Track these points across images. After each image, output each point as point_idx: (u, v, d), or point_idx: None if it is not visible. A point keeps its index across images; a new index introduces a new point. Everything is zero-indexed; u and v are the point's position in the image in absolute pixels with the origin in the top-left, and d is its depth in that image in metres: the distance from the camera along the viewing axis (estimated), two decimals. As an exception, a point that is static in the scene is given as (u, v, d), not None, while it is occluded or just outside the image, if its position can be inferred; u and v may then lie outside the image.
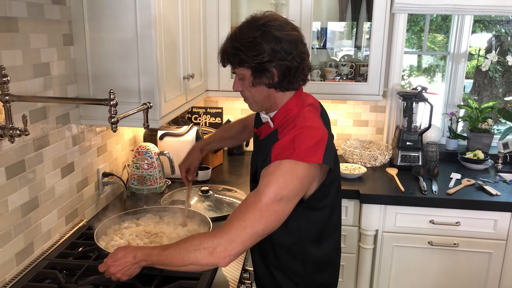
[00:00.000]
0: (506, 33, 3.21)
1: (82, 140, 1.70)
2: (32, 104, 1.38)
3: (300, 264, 1.38)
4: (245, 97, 1.33)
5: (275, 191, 1.14)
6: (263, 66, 1.21)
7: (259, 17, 1.25)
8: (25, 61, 1.33)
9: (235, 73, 1.30)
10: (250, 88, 1.27)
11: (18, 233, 1.35)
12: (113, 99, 1.20)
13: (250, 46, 1.20)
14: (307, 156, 1.16)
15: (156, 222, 1.60)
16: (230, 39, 1.25)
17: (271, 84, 1.25)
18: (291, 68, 1.23)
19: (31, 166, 1.39)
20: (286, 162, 1.16)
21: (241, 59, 1.22)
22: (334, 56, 2.70)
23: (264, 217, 1.14)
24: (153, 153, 1.96)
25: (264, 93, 1.27)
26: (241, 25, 1.26)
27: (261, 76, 1.23)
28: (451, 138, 2.72)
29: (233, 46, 1.22)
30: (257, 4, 2.58)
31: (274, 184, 1.14)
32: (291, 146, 1.17)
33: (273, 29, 1.20)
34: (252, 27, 1.22)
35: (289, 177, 1.15)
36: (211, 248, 1.12)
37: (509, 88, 3.36)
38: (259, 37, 1.19)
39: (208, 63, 2.39)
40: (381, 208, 2.17)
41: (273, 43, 1.19)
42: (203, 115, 2.76)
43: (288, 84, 1.26)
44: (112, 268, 1.20)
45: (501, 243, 2.13)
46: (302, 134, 1.19)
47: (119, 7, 1.52)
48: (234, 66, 1.26)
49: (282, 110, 1.29)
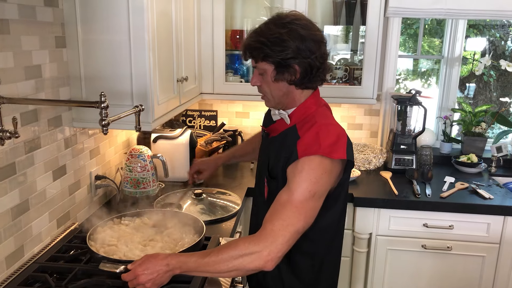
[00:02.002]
0: (500, 38, 3.23)
1: (75, 143, 1.69)
2: (24, 106, 1.37)
3: (310, 263, 1.38)
4: (263, 92, 1.35)
5: (309, 188, 1.17)
6: (286, 62, 1.24)
7: (286, 14, 1.28)
8: (16, 63, 1.33)
9: (255, 68, 1.32)
10: (271, 83, 1.29)
11: (8, 236, 1.34)
12: (104, 102, 1.20)
13: (276, 42, 1.23)
14: (332, 152, 1.21)
15: (150, 224, 1.59)
16: (255, 33, 1.28)
17: (293, 81, 1.28)
18: (313, 67, 1.26)
19: (22, 168, 1.38)
20: (313, 157, 1.19)
21: (266, 54, 1.25)
22: (330, 60, 2.71)
23: (302, 214, 1.16)
24: (147, 156, 1.96)
25: (283, 89, 1.30)
26: (267, 21, 1.29)
27: (284, 72, 1.26)
28: (445, 142, 2.73)
29: (259, 41, 1.25)
30: (252, 8, 2.58)
31: (306, 180, 1.18)
32: (316, 141, 1.21)
33: (299, 27, 1.24)
34: (278, 23, 1.25)
35: (319, 172, 1.19)
36: (257, 253, 1.12)
37: (503, 92, 3.37)
38: (286, 33, 1.22)
39: (203, 66, 2.39)
40: (375, 211, 2.17)
41: (298, 41, 1.22)
42: (198, 118, 2.76)
43: (309, 82, 1.29)
44: (142, 277, 1.14)
45: (494, 247, 2.14)
46: (323, 130, 1.24)
47: (112, 9, 1.52)
48: (257, 60, 1.28)
49: (301, 107, 1.33)
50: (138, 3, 1.50)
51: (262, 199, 1.45)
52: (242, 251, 1.12)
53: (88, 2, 1.52)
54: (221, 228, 1.76)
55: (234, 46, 2.52)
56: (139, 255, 1.36)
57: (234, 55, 2.59)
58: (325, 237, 1.39)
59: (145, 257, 1.19)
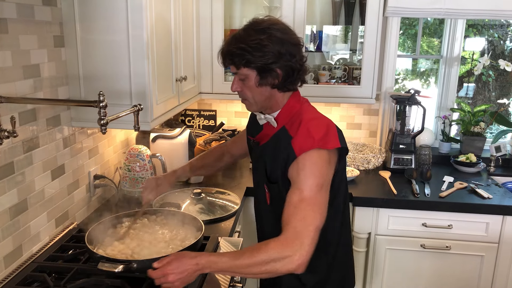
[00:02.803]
0: (499, 38, 3.23)
1: (73, 142, 1.69)
2: (22, 106, 1.37)
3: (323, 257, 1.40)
4: (244, 97, 1.37)
5: (315, 182, 1.21)
6: (269, 67, 1.26)
7: (263, 20, 1.30)
8: (15, 62, 1.32)
9: (236, 74, 1.33)
10: (254, 88, 1.31)
11: (7, 236, 1.34)
12: (103, 101, 1.19)
13: (257, 48, 1.24)
14: (327, 143, 1.25)
15: (148, 224, 1.59)
16: (234, 40, 1.28)
17: (275, 85, 1.30)
18: (295, 69, 1.29)
19: (20, 168, 1.38)
20: (311, 152, 1.23)
21: (247, 60, 1.26)
22: (330, 60, 2.71)
23: (316, 210, 1.19)
24: (145, 155, 1.96)
25: (266, 93, 1.32)
26: (245, 27, 1.30)
27: (267, 76, 1.28)
28: (444, 141, 2.73)
29: (239, 47, 1.26)
30: (251, 7, 2.58)
31: (311, 176, 1.21)
32: (309, 136, 1.25)
33: (278, 32, 1.26)
34: (257, 29, 1.26)
35: (320, 165, 1.23)
36: (288, 258, 1.14)
37: (502, 92, 3.37)
38: (266, 39, 1.24)
39: (202, 65, 2.39)
40: (374, 211, 2.17)
41: (278, 45, 1.25)
42: (197, 117, 2.75)
43: (290, 84, 1.32)
44: (171, 277, 1.14)
45: (493, 246, 2.14)
46: (313, 125, 1.28)
47: (110, 8, 1.52)
48: (239, 66, 1.29)
49: (285, 108, 1.35)
50: (137, 2, 1.50)
51: (264, 206, 1.46)
52: (273, 255, 1.14)
53: (87, 1, 1.52)
54: (220, 227, 1.76)
55: (233, 45, 2.51)
56: (141, 254, 1.36)
57: (233, 55, 2.58)
58: (332, 229, 1.40)
59: (174, 255, 1.19)
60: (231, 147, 1.78)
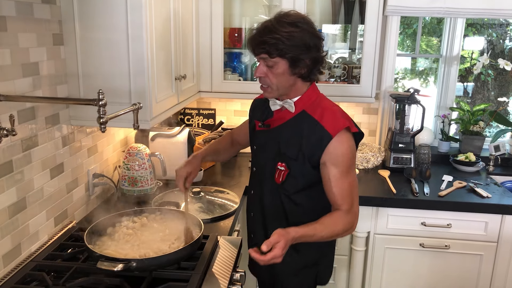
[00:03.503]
0: (498, 37, 3.23)
1: (72, 141, 1.68)
2: (21, 104, 1.36)
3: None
4: (267, 83, 1.45)
5: (353, 163, 1.45)
6: (300, 57, 1.38)
7: (291, 14, 1.41)
8: (13, 60, 1.32)
9: (264, 59, 1.41)
10: (281, 75, 1.41)
11: (5, 235, 1.33)
12: (102, 99, 1.19)
13: (290, 39, 1.35)
14: (352, 126, 1.45)
15: (147, 223, 1.58)
16: (268, 30, 1.37)
17: (301, 74, 1.42)
18: (319, 61, 1.44)
19: (19, 166, 1.38)
20: (344, 133, 1.41)
21: (281, 50, 1.35)
22: (329, 59, 2.71)
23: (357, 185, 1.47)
24: (144, 154, 1.95)
25: (290, 81, 1.43)
26: (276, 19, 1.39)
27: (297, 66, 1.39)
28: (443, 141, 2.73)
29: (274, 37, 1.35)
30: (250, 6, 2.58)
31: (350, 158, 1.43)
32: (337, 118, 1.43)
33: (308, 26, 1.39)
34: (290, 22, 1.37)
35: (353, 147, 1.44)
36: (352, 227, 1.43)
37: (501, 91, 3.38)
38: (298, 31, 1.36)
39: (201, 64, 2.39)
40: (373, 210, 2.17)
41: (308, 38, 1.37)
42: (196, 116, 2.75)
43: (313, 75, 1.46)
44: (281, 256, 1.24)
45: (492, 245, 2.14)
46: (336, 111, 1.46)
47: (110, 7, 1.51)
48: (272, 55, 1.37)
49: (305, 95, 1.48)
50: (136, 0, 1.49)
51: (271, 186, 1.55)
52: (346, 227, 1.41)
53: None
54: (219, 226, 1.76)
55: (233, 44, 2.51)
56: (138, 254, 1.36)
57: (233, 53, 2.58)
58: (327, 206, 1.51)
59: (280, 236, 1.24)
60: (237, 135, 1.85)
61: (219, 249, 1.53)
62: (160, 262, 1.31)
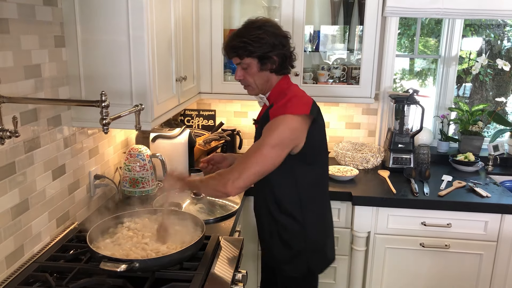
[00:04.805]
0: (496, 38, 3.24)
1: (74, 142, 1.69)
2: (23, 106, 1.37)
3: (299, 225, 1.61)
4: (247, 83, 1.64)
5: (271, 141, 1.46)
6: (267, 55, 1.55)
7: (256, 20, 1.59)
8: (16, 62, 1.32)
9: (239, 64, 1.60)
10: (255, 74, 1.58)
11: (8, 236, 1.34)
12: (105, 101, 1.20)
13: (256, 40, 1.53)
14: (296, 110, 1.49)
15: (149, 224, 1.59)
16: (236, 36, 1.57)
17: (273, 69, 1.59)
18: (287, 56, 1.59)
19: (22, 168, 1.38)
20: (280, 116, 1.49)
21: (249, 51, 1.54)
22: (327, 60, 2.72)
23: (261, 161, 1.46)
24: (145, 155, 1.96)
25: (265, 77, 1.60)
26: (243, 26, 1.59)
27: (266, 62, 1.56)
28: (443, 141, 2.75)
29: (242, 41, 1.54)
30: (250, 7, 2.59)
31: (270, 135, 1.47)
32: (284, 105, 1.51)
33: (271, 27, 1.57)
34: (255, 26, 1.55)
35: (281, 128, 1.47)
36: (224, 181, 1.46)
37: (499, 91, 3.39)
38: (263, 33, 1.53)
39: (201, 65, 2.40)
40: (373, 210, 2.18)
41: (273, 37, 1.55)
42: (196, 117, 2.76)
43: (284, 69, 1.61)
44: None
45: (492, 245, 2.15)
46: (292, 98, 1.53)
47: (111, 9, 1.52)
48: (242, 57, 1.56)
49: (275, 88, 1.63)
50: (137, 2, 1.50)
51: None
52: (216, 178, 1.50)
53: (87, 1, 1.52)
54: (220, 227, 1.77)
55: (232, 45, 2.52)
56: (141, 254, 1.36)
57: (232, 55, 2.58)
58: (307, 193, 1.62)
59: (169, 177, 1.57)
60: None
61: (221, 250, 1.54)
62: (163, 263, 1.32)
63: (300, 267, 1.66)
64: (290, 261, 1.66)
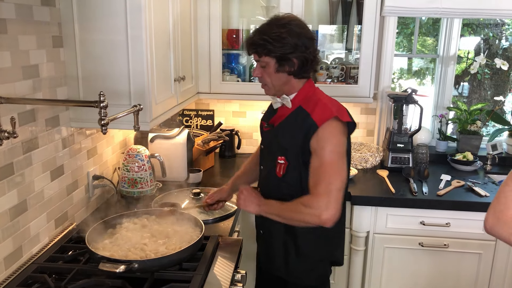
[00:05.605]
0: (494, 37, 3.25)
1: (72, 143, 1.68)
2: (21, 106, 1.36)
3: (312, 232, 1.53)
4: (264, 82, 1.55)
5: (333, 150, 1.41)
6: (286, 56, 1.45)
7: (283, 16, 1.49)
8: (14, 62, 1.32)
9: (258, 61, 1.51)
10: (272, 74, 1.50)
11: (7, 237, 1.33)
12: (103, 101, 1.19)
13: (277, 39, 1.43)
14: (342, 116, 1.45)
15: (148, 224, 1.59)
16: (258, 32, 1.48)
17: (291, 72, 1.49)
18: (308, 60, 1.48)
19: (20, 169, 1.38)
20: (330, 122, 1.42)
21: (269, 49, 1.45)
22: (325, 59, 2.72)
23: (336, 173, 1.40)
24: (144, 155, 1.95)
25: (283, 79, 1.51)
26: (268, 22, 1.50)
27: (284, 64, 1.47)
28: (441, 140, 2.75)
29: (262, 38, 1.45)
30: (248, 7, 2.59)
31: (329, 144, 1.41)
32: (327, 109, 1.45)
33: (296, 27, 1.46)
34: (278, 24, 1.45)
35: (337, 134, 1.43)
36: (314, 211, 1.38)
37: (497, 90, 3.40)
38: (285, 32, 1.43)
39: (200, 65, 2.39)
40: (372, 209, 2.18)
41: (296, 38, 1.44)
42: (195, 117, 2.75)
43: (304, 72, 1.51)
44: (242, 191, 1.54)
45: (491, 244, 2.16)
46: (329, 102, 1.49)
47: (109, 9, 1.52)
48: (260, 55, 1.48)
49: (301, 91, 1.54)
50: (136, 2, 1.50)
51: (274, 181, 1.59)
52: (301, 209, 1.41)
53: (85, 1, 1.52)
54: (219, 227, 1.76)
55: (231, 45, 2.52)
56: (140, 255, 1.36)
57: (231, 55, 2.59)
58: None
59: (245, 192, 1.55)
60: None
61: (220, 250, 1.54)
62: (162, 263, 1.32)
63: (320, 274, 1.63)
64: (310, 270, 1.61)
